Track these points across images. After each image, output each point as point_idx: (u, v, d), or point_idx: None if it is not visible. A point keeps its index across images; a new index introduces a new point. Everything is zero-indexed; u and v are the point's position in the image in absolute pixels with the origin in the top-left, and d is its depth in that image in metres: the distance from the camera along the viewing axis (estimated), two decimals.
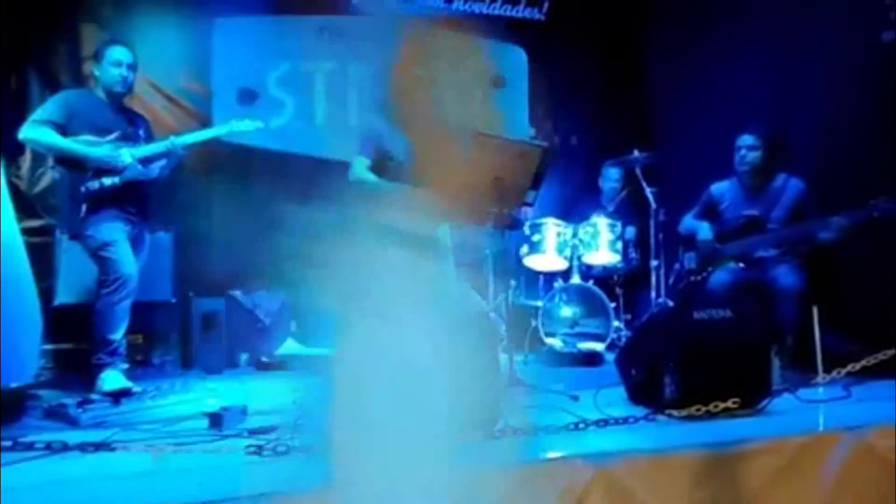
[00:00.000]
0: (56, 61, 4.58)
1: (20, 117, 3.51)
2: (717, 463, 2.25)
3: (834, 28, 4.12)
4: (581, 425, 2.48)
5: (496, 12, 5.71)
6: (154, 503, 1.75)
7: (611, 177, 5.21)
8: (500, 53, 5.79)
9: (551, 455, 2.18)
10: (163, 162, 3.64)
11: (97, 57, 3.58)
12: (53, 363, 3.88)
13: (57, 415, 2.85)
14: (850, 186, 3.82)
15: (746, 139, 4.02)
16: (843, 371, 2.97)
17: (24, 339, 2.90)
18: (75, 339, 3.85)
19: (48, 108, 3.46)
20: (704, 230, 4.09)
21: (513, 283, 4.72)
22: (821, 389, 3.05)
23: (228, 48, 5.14)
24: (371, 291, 1.51)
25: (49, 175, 4.15)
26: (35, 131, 3.40)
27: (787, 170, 4.01)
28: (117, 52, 3.58)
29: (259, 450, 2.20)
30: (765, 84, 4.57)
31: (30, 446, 2.27)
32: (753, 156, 4.00)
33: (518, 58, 5.82)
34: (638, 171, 4.64)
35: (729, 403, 2.61)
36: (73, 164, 3.43)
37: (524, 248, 4.65)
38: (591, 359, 4.35)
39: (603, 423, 2.52)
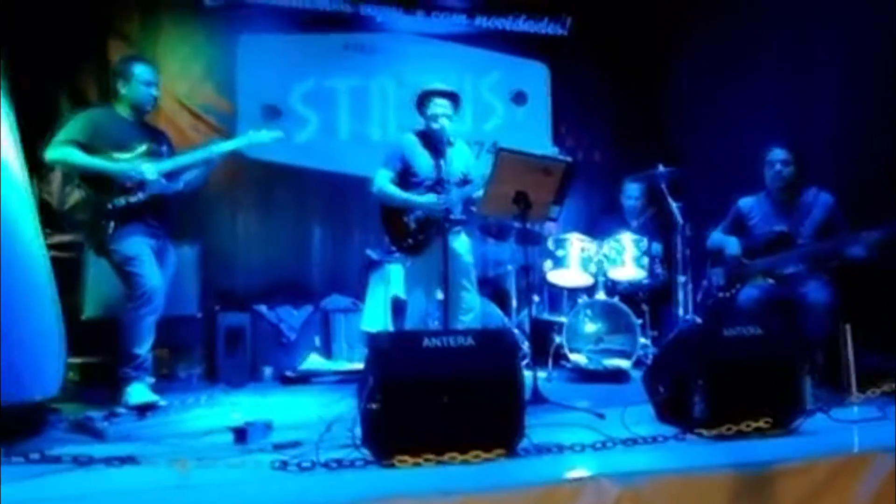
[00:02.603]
0: (85, 78, 4.68)
1: (50, 134, 3.56)
2: (747, 484, 2.19)
3: (860, 39, 4.08)
4: (608, 444, 2.44)
5: (519, 28, 5.73)
6: None
7: (631, 194, 5.18)
8: (523, 69, 5.81)
9: (577, 474, 2.14)
10: (195, 172, 3.67)
11: (124, 76, 3.61)
12: (80, 376, 3.93)
13: (84, 428, 2.87)
14: (881, 201, 3.75)
15: (779, 153, 3.95)
16: (878, 390, 2.89)
17: (46, 353, 2.93)
18: (102, 353, 3.89)
19: (71, 128, 3.50)
20: (732, 245, 4.03)
21: (536, 298, 4.71)
22: (855, 409, 2.97)
23: (253, 65, 5.22)
24: None
25: (77, 192, 4.23)
26: (60, 151, 3.44)
27: (816, 184, 3.94)
28: (147, 72, 3.64)
29: (284, 465, 2.19)
30: (789, 97, 4.53)
31: (57, 459, 2.28)
32: (788, 171, 3.93)
33: (540, 73, 5.83)
34: (663, 186, 4.59)
35: (760, 423, 2.55)
36: (97, 182, 3.47)
37: (548, 264, 4.62)
38: (617, 376, 4.29)
39: (630, 441, 2.47)
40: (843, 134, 4.16)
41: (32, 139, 3.31)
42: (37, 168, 3.56)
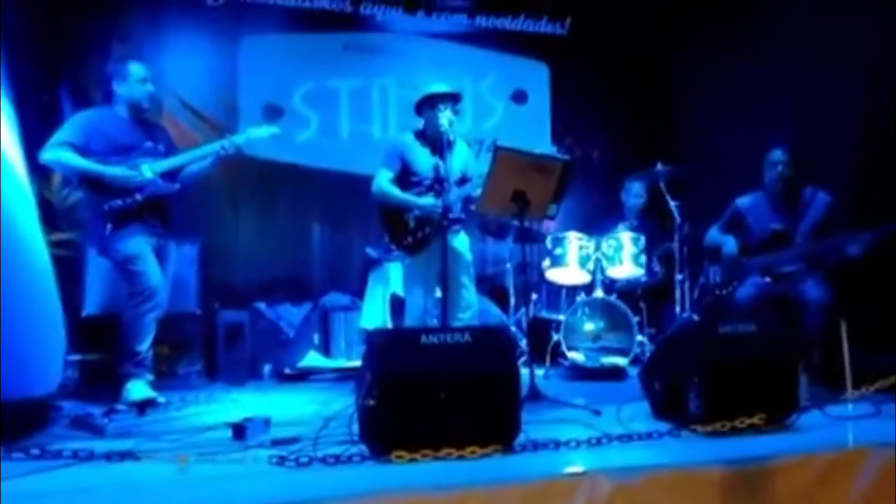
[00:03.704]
0: (89, 80, 4.70)
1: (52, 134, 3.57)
2: (742, 479, 2.21)
3: (860, 40, 4.10)
4: (604, 440, 2.46)
5: (518, 27, 5.75)
6: None
7: (634, 192, 5.19)
8: (523, 68, 5.82)
9: (572, 470, 2.16)
10: (193, 167, 3.68)
11: (120, 75, 3.61)
12: (80, 373, 3.95)
13: (84, 424, 2.89)
14: (878, 200, 3.77)
15: (779, 154, 3.96)
16: (872, 387, 2.91)
17: (47, 350, 2.95)
18: (102, 350, 3.91)
19: (67, 130, 3.49)
20: (730, 244, 4.05)
21: (534, 296, 4.73)
22: (849, 406, 2.99)
23: (255, 65, 5.24)
24: None
25: (77, 192, 4.25)
26: (53, 153, 3.43)
27: (814, 183, 3.96)
28: (140, 69, 3.64)
29: (282, 460, 2.21)
30: (789, 96, 4.54)
31: (57, 454, 2.31)
32: (789, 171, 3.94)
33: (540, 72, 5.85)
34: (661, 184, 4.61)
35: (755, 419, 2.57)
36: (94, 183, 3.46)
37: (546, 262, 4.63)
38: (614, 373, 4.31)
39: (626, 438, 2.49)
40: (841, 133, 4.17)
41: (35, 140, 3.33)
42: (38, 168, 3.59)
